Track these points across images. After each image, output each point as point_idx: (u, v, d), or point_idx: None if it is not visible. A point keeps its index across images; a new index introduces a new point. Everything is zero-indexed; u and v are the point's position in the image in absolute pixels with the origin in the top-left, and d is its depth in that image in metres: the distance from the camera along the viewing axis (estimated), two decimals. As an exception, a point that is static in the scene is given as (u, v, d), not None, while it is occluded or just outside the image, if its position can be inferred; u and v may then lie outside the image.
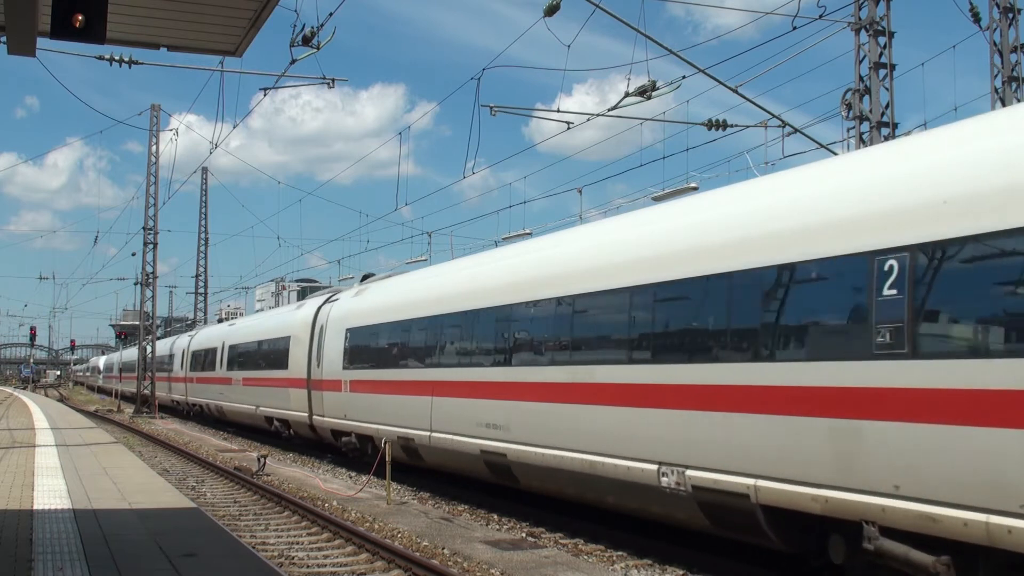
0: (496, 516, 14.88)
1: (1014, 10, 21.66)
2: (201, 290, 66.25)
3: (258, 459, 20.53)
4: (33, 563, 8.84)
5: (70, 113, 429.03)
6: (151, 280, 46.85)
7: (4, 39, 11.08)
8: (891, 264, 7.92)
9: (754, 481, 9.30)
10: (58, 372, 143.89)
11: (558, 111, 20.71)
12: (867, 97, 20.61)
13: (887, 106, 20.63)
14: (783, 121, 19.69)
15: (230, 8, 9.90)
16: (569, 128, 20.50)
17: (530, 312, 14.19)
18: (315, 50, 15.79)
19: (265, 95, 23.10)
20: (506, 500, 15.64)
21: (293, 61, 16.30)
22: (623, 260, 12.10)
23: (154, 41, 11.29)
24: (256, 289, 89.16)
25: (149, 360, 47.43)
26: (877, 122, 20.43)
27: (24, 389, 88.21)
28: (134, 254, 60.38)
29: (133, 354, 53.82)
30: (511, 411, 14.21)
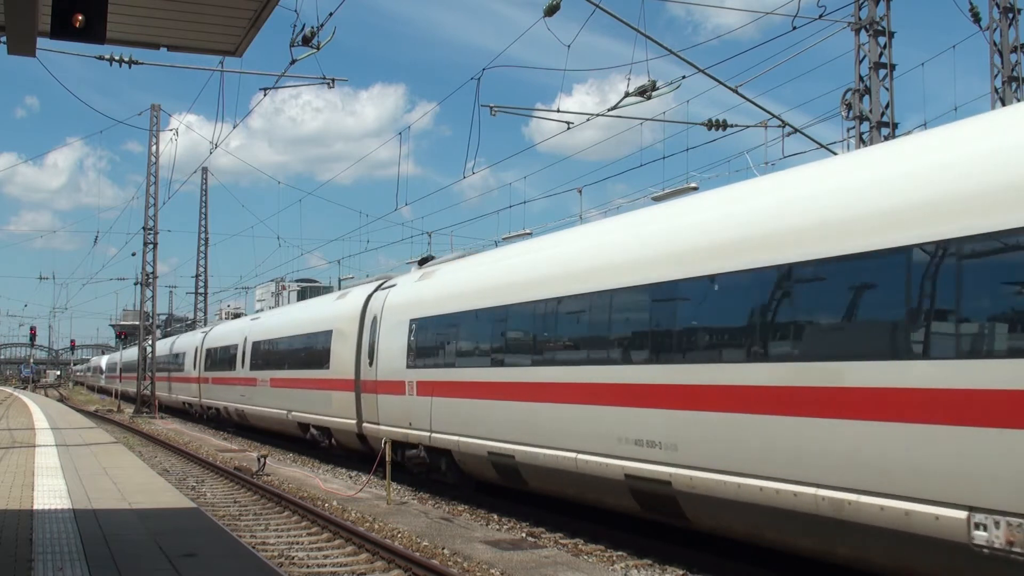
0: (496, 516, 14.87)
1: (1014, 10, 21.67)
2: (201, 290, 66.23)
3: (258, 459, 20.53)
4: (33, 563, 8.84)
5: (70, 113, 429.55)
6: (151, 280, 46.85)
7: (4, 39, 11.07)
8: None
9: None
10: (58, 372, 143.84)
11: (558, 111, 20.74)
12: (867, 97, 20.62)
13: (887, 106, 20.64)
14: (783, 121, 19.71)
15: (230, 8, 9.91)
16: (569, 128, 20.52)
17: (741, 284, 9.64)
18: (315, 50, 15.81)
19: (265, 95, 23.13)
20: (506, 500, 15.63)
21: (293, 61, 16.35)
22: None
23: (154, 41, 11.30)
24: (256, 289, 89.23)
25: (149, 360, 47.07)
26: (877, 122, 20.43)
27: (24, 389, 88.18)
28: (134, 254, 60.50)
29: (136, 354, 52.09)
30: (680, 423, 10.38)
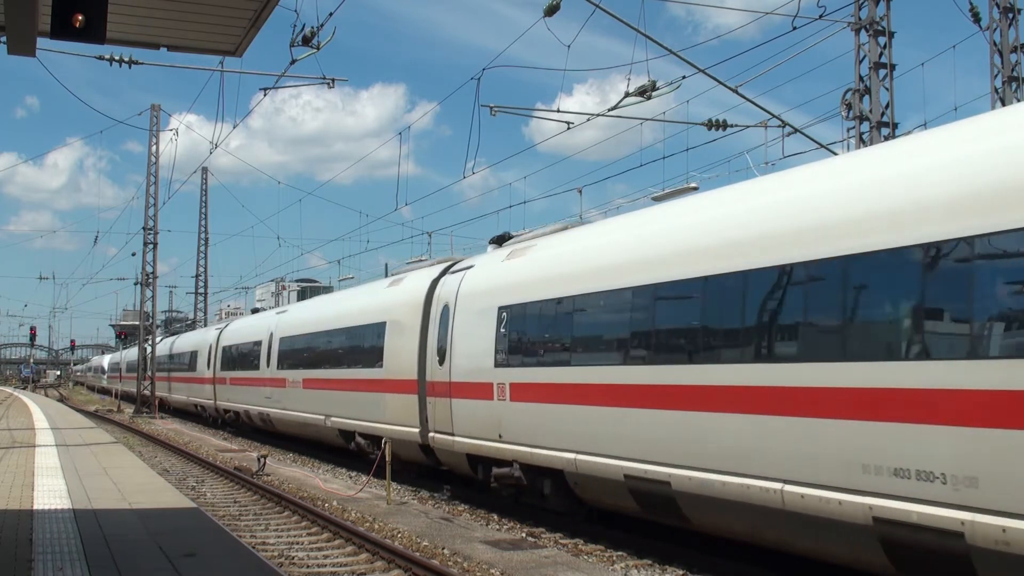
0: (496, 516, 14.87)
1: (1014, 10, 21.67)
2: (201, 290, 66.21)
3: (258, 459, 20.53)
4: (33, 563, 8.84)
5: (70, 113, 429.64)
6: (151, 280, 46.84)
7: (4, 39, 11.08)
8: None
9: None
10: (58, 372, 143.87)
11: (558, 111, 20.73)
12: (867, 97, 20.62)
13: (887, 106, 20.64)
14: (783, 121, 19.71)
15: (230, 8, 9.91)
16: (569, 128, 20.52)
17: None
18: (315, 50, 15.81)
19: (265, 95, 23.13)
20: (506, 500, 15.62)
21: (293, 61, 16.35)
22: None
23: (154, 41, 11.31)
24: (256, 289, 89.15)
25: (154, 359, 46.59)
26: (877, 122, 20.43)
27: (24, 389, 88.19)
28: (134, 254, 60.52)
29: (138, 353, 50.87)
30: (992, 447, 7.17)
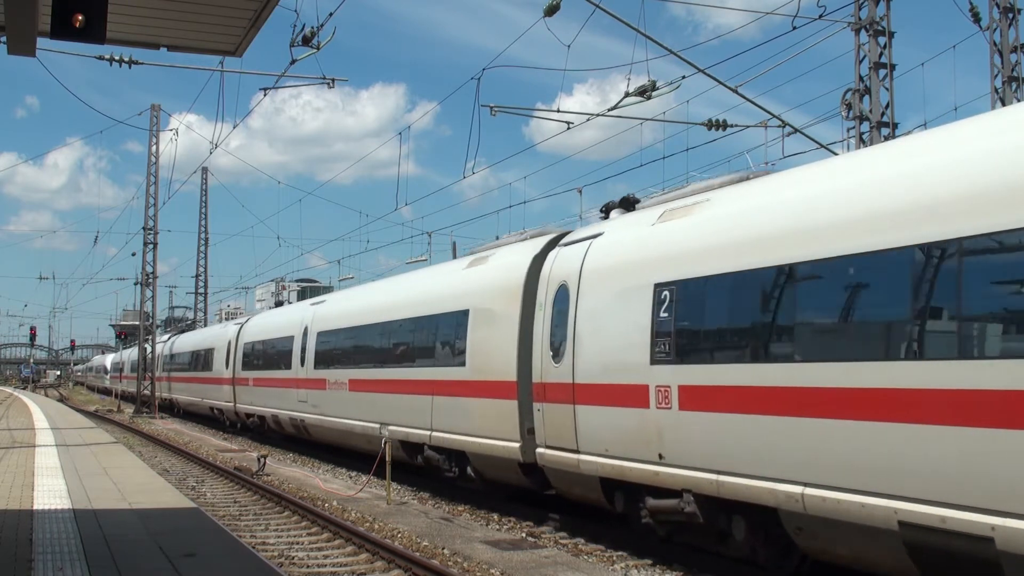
0: (496, 516, 14.87)
1: (1014, 10, 21.69)
2: (201, 290, 66.24)
3: (258, 459, 20.52)
4: (33, 563, 8.84)
5: (70, 113, 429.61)
6: (151, 280, 46.84)
7: (4, 39, 11.08)
8: None
9: None
10: (58, 372, 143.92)
11: (558, 111, 20.74)
12: (867, 97, 20.63)
13: (887, 106, 20.65)
14: (783, 121, 19.71)
15: (230, 8, 9.92)
16: (569, 128, 20.52)
17: None
18: (315, 50, 15.82)
19: (265, 95, 23.14)
20: (506, 500, 15.63)
21: (293, 61, 16.36)
22: None
23: (154, 41, 11.32)
24: (256, 289, 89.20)
25: (162, 358, 46.11)
26: (877, 122, 20.44)
27: (24, 389, 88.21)
28: (134, 254, 60.44)
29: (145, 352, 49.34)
30: None
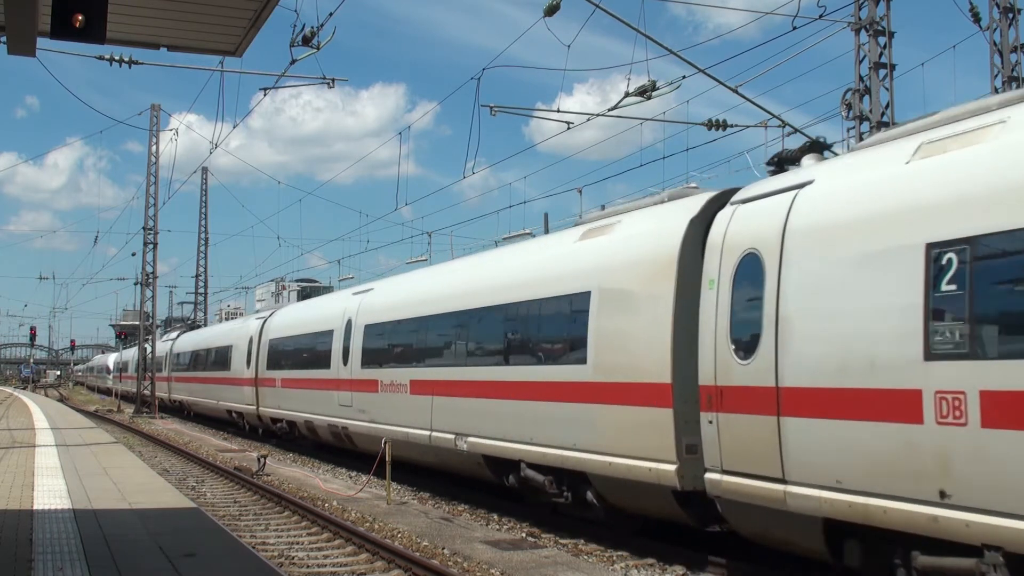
0: (496, 516, 14.87)
1: (1014, 10, 21.72)
2: (201, 290, 66.27)
3: (258, 459, 20.52)
4: (33, 563, 8.85)
5: (70, 113, 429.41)
6: (151, 280, 46.83)
7: (4, 39, 11.09)
8: None
9: None
10: (58, 372, 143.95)
11: (558, 111, 20.73)
12: (867, 97, 20.64)
13: (887, 106, 20.66)
14: (783, 121, 19.69)
15: (230, 8, 9.92)
16: (569, 128, 20.52)
17: None
18: (315, 50, 15.82)
19: (265, 95, 23.14)
20: (506, 500, 15.64)
21: (293, 61, 16.37)
22: None
23: (154, 41, 11.32)
24: (256, 289, 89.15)
25: (169, 357, 45.06)
26: (877, 122, 20.45)
27: (24, 389, 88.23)
28: (134, 254, 60.45)
29: (145, 352, 48.04)
30: None
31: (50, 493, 13.84)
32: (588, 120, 20.55)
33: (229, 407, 32.04)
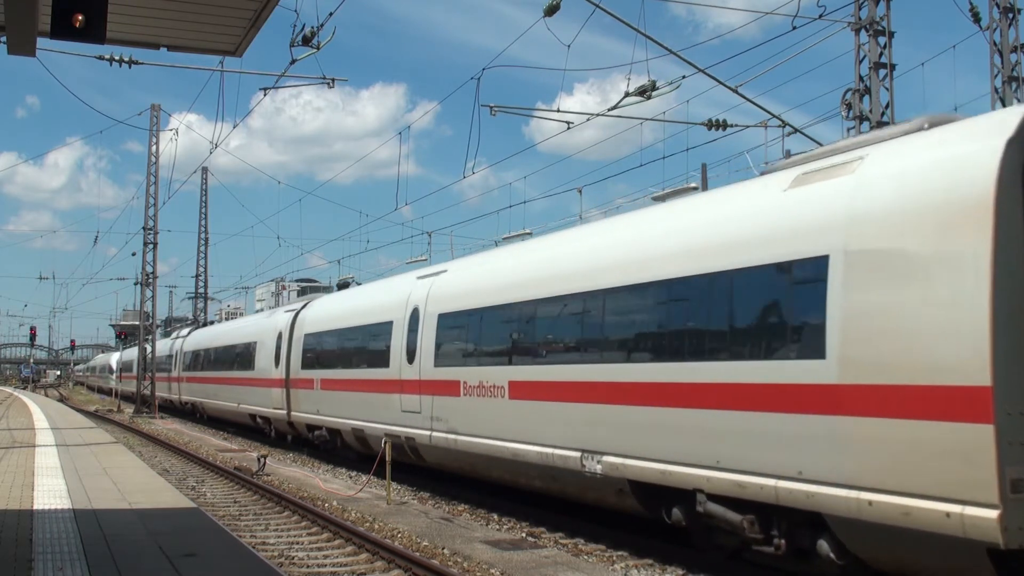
0: (496, 516, 14.87)
1: (1014, 10, 21.72)
2: (201, 290, 66.25)
3: (258, 459, 20.52)
4: (33, 563, 8.85)
5: (70, 113, 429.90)
6: (151, 280, 46.82)
7: (4, 39, 11.09)
8: None
9: None
10: (58, 372, 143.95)
11: (558, 111, 20.74)
12: (867, 97, 20.63)
13: (887, 106, 20.66)
14: (783, 121, 19.72)
15: (230, 8, 9.93)
16: (569, 128, 20.53)
17: None
18: (315, 50, 15.83)
19: (265, 95, 23.14)
20: (506, 500, 15.63)
21: (293, 61, 16.38)
22: None
23: (154, 41, 11.33)
24: (256, 289, 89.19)
25: (180, 355, 43.82)
26: (877, 122, 20.44)
27: (24, 389, 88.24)
28: (134, 254, 60.46)
29: (148, 351, 46.22)
30: None
31: (50, 493, 13.84)
32: (588, 120, 20.57)
33: (253, 411, 28.24)
